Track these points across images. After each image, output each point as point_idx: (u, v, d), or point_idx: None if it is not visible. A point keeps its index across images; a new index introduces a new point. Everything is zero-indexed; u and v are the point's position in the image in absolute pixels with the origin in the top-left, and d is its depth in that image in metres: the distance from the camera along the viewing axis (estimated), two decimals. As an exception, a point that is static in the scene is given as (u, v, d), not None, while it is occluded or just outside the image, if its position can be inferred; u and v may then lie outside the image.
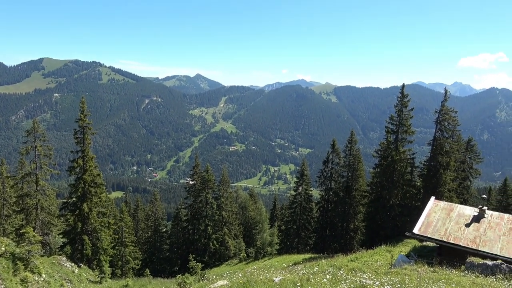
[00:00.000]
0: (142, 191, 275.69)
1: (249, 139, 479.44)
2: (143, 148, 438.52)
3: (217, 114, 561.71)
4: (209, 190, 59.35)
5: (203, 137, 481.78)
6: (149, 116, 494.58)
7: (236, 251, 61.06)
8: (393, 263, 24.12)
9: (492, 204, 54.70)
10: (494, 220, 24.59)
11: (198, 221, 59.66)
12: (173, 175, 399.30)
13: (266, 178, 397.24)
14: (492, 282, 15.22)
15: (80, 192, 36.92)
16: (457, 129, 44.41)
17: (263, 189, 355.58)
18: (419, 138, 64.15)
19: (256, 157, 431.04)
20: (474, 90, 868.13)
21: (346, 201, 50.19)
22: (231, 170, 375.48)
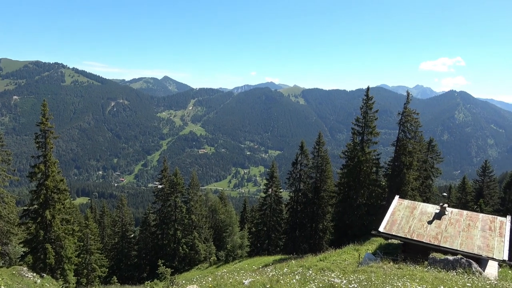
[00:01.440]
0: (108, 196, 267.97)
1: (219, 142, 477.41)
2: (109, 152, 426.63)
3: (186, 116, 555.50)
4: (178, 194, 58.55)
5: (171, 140, 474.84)
6: (115, 119, 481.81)
7: (206, 255, 60.52)
8: (360, 261, 24.70)
9: (452, 202, 57.31)
10: (454, 217, 25.74)
11: (167, 226, 58.67)
12: (141, 179, 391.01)
13: (236, 181, 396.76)
14: (453, 276, 15.87)
15: (42, 198, 35.36)
16: (419, 130, 46.15)
17: (233, 191, 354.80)
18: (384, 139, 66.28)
19: (226, 160, 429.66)
20: (435, 92, 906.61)
21: (315, 202, 50.94)
22: (201, 173, 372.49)
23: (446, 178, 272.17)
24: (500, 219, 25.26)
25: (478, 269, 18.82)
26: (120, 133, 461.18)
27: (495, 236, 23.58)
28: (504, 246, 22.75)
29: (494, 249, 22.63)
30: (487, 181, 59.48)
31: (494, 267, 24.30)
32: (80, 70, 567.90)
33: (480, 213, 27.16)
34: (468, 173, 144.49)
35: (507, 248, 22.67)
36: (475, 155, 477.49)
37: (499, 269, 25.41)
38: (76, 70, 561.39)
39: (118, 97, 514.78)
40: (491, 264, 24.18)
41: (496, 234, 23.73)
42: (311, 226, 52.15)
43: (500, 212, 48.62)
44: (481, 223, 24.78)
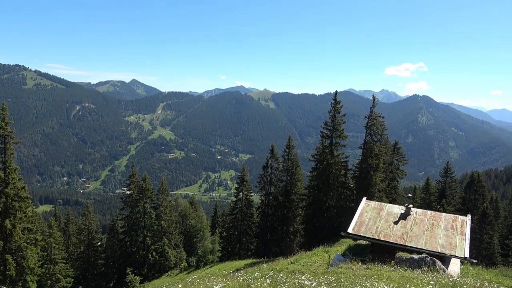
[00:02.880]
0: (74, 203, 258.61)
1: (189, 146, 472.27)
2: (74, 158, 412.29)
3: (155, 120, 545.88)
4: (147, 199, 57.32)
5: (140, 144, 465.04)
6: (80, 123, 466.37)
7: (176, 261, 59.51)
8: (330, 262, 25.06)
9: (417, 202, 59.29)
10: (419, 217, 26.65)
11: (135, 233, 57.24)
12: (108, 185, 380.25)
13: (206, 185, 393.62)
14: (418, 274, 16.39)
15: (2, 207, 33.59)
16: (384, 133, 47.49)
17: (204, 196, 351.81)
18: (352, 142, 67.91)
19: (196, 164, 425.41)
20: (399, 97, 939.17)
21: (285, 205, 51.27)
22: (171, 178, 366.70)
23: (410, 179, 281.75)
24: (462, 218, 26.38)
25: (441, 267, 19.54)
26: (86, 137, 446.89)
27: (457, 235, 24.59)
28: (465, 244, 23.76)
29: (456, 247, 23.58)
30: (449, 181, 61.98)
31: (456, 264, 25.31)
32: (43, 72, 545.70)
33: (443, 213, 28.28)
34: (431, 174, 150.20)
35: (468, 246, 23.69)
36: (437, 157, 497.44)
37: (461, 266, 26.49)
38: (38, 73, 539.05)
39: (84, 100, 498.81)
40: (453, 262, 25.18)
41: (458, 233, 24.75)
42: (282, 229, 52.41)
43: (461, 212, 50.77)
44: (444, 223, 25.78)
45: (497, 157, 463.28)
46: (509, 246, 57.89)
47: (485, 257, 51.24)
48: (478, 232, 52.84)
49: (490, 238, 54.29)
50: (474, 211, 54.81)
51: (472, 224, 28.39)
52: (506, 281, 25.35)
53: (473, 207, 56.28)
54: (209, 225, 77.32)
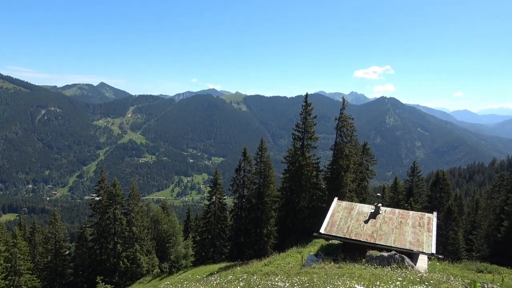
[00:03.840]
0: (40, 211, 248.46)
1: (160, 150, 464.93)
2: (40, 164, 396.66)
3: (125, 124, 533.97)
4: (118, 205, 55.92)
5: (109, 149, 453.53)
6: (46, 128, 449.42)
7: (149, 268, 58.33)
8: (303, 263, 25.31)
9: (386, 201, 60.88)
10: (388, 215, 27.40)
11: (106, 240, 55.68)
12: (76, 191, 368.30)
13: (179, 189, 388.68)
14: (388, 271, 16.82)
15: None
16: (354, 135, 48.57)
17: (176, 200, 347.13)
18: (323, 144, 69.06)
19: (168, 168, 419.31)
20: (368, 99, 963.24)
21: (258, 207, 51.39)
22: (142, 182, 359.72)
23: (379, 179, 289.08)
24: (428, 215, 27.33)
25: (410, 263, 20.14)
26: (52, 143, 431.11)
27: (424, 232, 25.45)
28: (432, 241, 24.62)
29: (424, 243, 24.40)
30: (416, 180, 64.08)
31: (424, 260, 26.19)
32: (5, 75, 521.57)
33: (411, 211, 29.21)
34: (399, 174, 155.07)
35: (435, 242, 24.57)
36: (404, 156, 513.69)
37: (429, 262, 27.42)
38: (0, 76, 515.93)
39: (50, 104, 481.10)
40: (421, 258, 26.03)
41: (425, 230, 25.62)
42: (255, 232, 52.47)
43: (428, 209, 52.55)
44: (412, 220, 26.63)
45: (460, 156, 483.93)
46: (472, 241, 60.49)
47: (451, 252, 53.28)
48: (444, 228, 54.88)
49: (455, 234, 56.51)
50: (439, 208, 56.88)
51: (438, 221, 29.47)
52: (470, 275, 26.45)
53: (439, 205, 58.40)
54: (182, 230, 76.27)
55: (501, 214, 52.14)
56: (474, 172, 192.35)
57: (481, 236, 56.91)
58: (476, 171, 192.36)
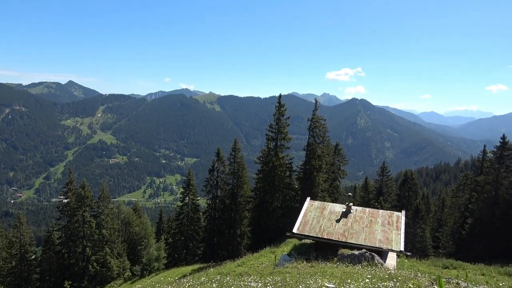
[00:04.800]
0: (3, 215, 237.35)
1: (132, 150, 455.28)
2: (4, 165, 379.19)
3: (95, 124, 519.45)
4: (87, 207, 54.30)
5: (78, 150, 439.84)
6: (10, 128, 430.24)
7: (120, 271, 57.00)
8: (276, 263, 25.46)
9: (357, 200, 62.21)
10: (359, 214, 27.99)
11: (74, 243, 53.95)
12: (43, 193, 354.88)
13: (151, 191, 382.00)
14: (359, 269, 17.17)
15: None
16: (326, 135, 49.39)
17: (148, 202, 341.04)
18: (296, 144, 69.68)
19: (139, 169, 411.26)
20: (339, 100, 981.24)
21: (232, 208, 51.29)
22: (112, 184, 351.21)
23: (351, 179, 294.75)
24: (397, 214, 28.13)
25: (380, 261, 20.65)
26: (16, 143, 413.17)
27: (393, 230, 26.17)
28: (400, 238, 25.35)
29: (393, 241, 25.10)
30: (386, 180, 65.83)
31: (393, 257, 26.93)
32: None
33: (380, 210, 29.96)
34: (369, 174, 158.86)
35: (403, 240, 25.32)
36: (375, 157, 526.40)
37: (398, 259, 28.23)
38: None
39: (14, 103, 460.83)
40: (391, 255, 26.76)
41: (394, 228, 26.35)
42: (229, 232, 52.33)
43: (397, 208, 54.10)
44: (381, 219, 27.32)
45: (428, 156, 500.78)
46: (439, 238, 62.73)
47: (418, 249, 55.01)
48: (412, 226, 56.59)
49: (423, 232, 58.36)
50: (408, 207, 58.62)
51: (406, 219, 30.37)
52: (437, 271, 27.44)
53: (407, 203, 60.19)
54: (154, 232, 75.03)
55: (466, 212, 54.40)
56: (440, 172, 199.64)
57: (447, 234, 59.12)
58: (442, 171, 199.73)
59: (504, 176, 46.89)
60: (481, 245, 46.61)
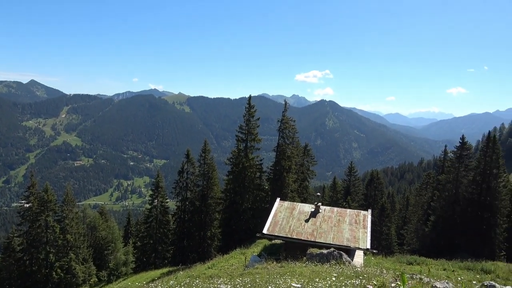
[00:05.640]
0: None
1: (98, 152, 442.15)
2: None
3: (58, 125, 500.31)
4: (50, 212, 52.21)
5: (41, 152, 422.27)
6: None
7: (85, 277, 55.17)
8: (246, 264, 25.52)
9: (325, 200, 63.32)
10: (327, 214, 28.53)
11: (36, 249, 51.71)
12: (3, 198, 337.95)
13: (118, 193, 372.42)
14: (327, 268, 17.50)
15: None
16: (296, 136, 50.00)
17: (116, 205, 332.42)
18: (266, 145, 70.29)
19: (106, 172, 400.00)
20: (308, 101, 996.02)
21: (202, 210, 50.90)
22: (78, 187, 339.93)
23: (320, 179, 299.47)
24: (363, 213, 28.89)
25: (347, 259, 21.13)
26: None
27: (360, 228, 26.86)
28: (367, 237, 26.05)
29: (360, 239, 25.75)
30: (353, 180, 67.42)
31: (360, 255, 27.62)
32: None
33: (348, 209, 30.69)
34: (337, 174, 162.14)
35: (370, 238, 26.03)
36: (343, 157, 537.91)
37: (364, 257, 28.98)
38: None
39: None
40: (358, 253, 27.43)
41: (361, 226, 27.05)
42: (199, 235, 51.89)
43: (363, 207, 55.53)
44: (349, 218, 27.97)
45: (393, 156, 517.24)
46: (404, 235, 64.92)
47: (384, 247, 56.76)
48: (378, 224, 58.30)
49: (388, 230, 60.30)
50: (374, 205, 60.34)
51: (372, 218, 31.26)
52: (401, 267, 28.42)
53: (373, 202, 61.93)
54: (121, 236, 73.26)
55: (428, 210, 56.62)
56: (404, 171, 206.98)
57: (411, 231, 61.29)
58: (407, 170, 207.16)
59: (464, 175, 49.18)
60: (443, 241, 48.63)
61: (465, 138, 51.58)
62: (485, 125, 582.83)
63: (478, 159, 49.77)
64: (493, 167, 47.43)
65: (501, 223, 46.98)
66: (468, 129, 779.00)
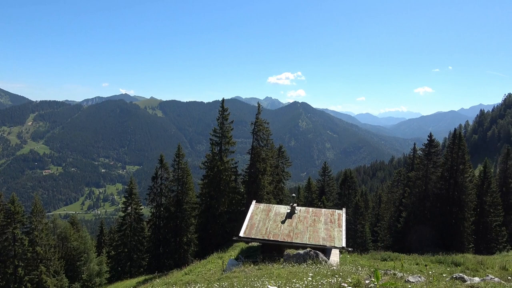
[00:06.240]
0: None
1: (68, 160, 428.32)
2: None
3: (24, 133, 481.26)
4: (18, 224, 50.06)
5: (6, 161, 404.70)
6: None
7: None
8: (224, 268, 25.39)
9: (301, 201, 63.89)
10: (303, 214, 28.81)
11: (4, 264, 49.46)
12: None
13: (90, 202, 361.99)
14: (304, 268, 17.67)
15: None
16: (270, 138, 50.27)
17: (88, 214, 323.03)
18: (240, 148, 70.19)
19: (77, 180, 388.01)
20: (282, 103, 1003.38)
21: (177, 215, 50.29)
22: (47, 197, 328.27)
23: (295, 180, 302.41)
24: (338, 212, 29.37)
25: (324, 258, 21.41)
26: None
27: (335, 227, 27.27)
28: (342, 235, 26.49)
29: (335, 238, 26.15)
30: (327, 180, 68.42)
31: (336, 254, 28.03)
32: None
33: (323, 209, 31.10)
34: (312, 174, 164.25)
35: (345, 236, 26.48)
36: (316, 157, 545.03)
37: (340, 255, 29.45)
38: None
39: None
40: (334, 252, 27.83)
41: (336, 225, 27.48)
42: (175, 241, 51.21)
43: (338, 206, 56.46)
44: (324, 217, 28.36)
45: (365, 155, 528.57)
46: (377, 232, 66.44)
47: (359, 244, 57.85)
48: (352, 223, 59.38)
49: (363, 227, 61.49)
50: (348, 204, 61.44)
51: (347, 216, 31.84)
52: (376, 264, 29.06)
53: (347, 201, 63.05)
54: (94, 245, 70.93)
55: (400, 206, 58.21)
56: (376, 170, 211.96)
57: (385, 227, 62.81)
58: (378, 169, 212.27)
59: (432, 171, 50.91)
60: (414, 236, 50.10)
61: (432, 135, 53.43)
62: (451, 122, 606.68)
63: (445, 155, 51.68)
64: (460, 163, 49.37)
65: (469, 216, 48.91)
66: (435, 127, 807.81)
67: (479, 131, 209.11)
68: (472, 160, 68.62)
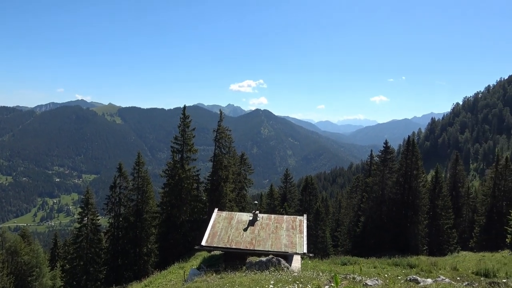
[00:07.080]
0: None
1: (18, 170, 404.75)
2: None
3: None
4: (-40, 239, 46.68)
5: None
6: None
7: (5, 308, 49.91)
8: (185, 278, 24.96)
9: (263, 208, 64.24)
10: (265, 221, 28.99)
11: None
12: None
13: (43, 213, 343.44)
14: (266, 275, 17.73)
15: None
16: (232, 146, 50.36)
17: (40, 226, 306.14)
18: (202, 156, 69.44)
19: (28, 190, 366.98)
20: (244, 111, 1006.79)
21: (137, 225, 48.86)
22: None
23: (257, 187, 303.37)
24: (299, 218, 29.83)
25: (286, 264, 21.62)
26: None
27: (296, 233, 27.67)
28: (303, 241, 26.91)
29: (297, 244, 26.52)
30: (289, 186, 69.33)
31: (298, 260, 28.36)
32: None
33: (285, 215, 31.50)
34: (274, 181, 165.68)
35: (306, 242, 26.92)
36: (278, 164, 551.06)
37: (302, 261, 29.81)
38: None
39: None
40: (295, 258, 28.14)
41: (297, 232, 27.88)
42: (134, 252, 49.65)
43: (300, 212, 57.21)
44: (286, 224, 28.70)
45: (325, 162, 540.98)
46: (338, 237, 68.02)
47: (320, 249, 58.91)
48: (313, 228, 60.42)
49: (323, 233, 62.71)
50: (309, 210, 62.46)
51: (308, 222, 32.41)
52: (336, 268, 29.71)
53: (309, 207, 64.11)
54: (47, 259, 67.39)
55: (359, 211, 60.07)
56: (336, 176, 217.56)
57: (344, 232, 64.44)
58: (338, 175, 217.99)
59: (388, 177, 53.05)
60: (373, 240, 51.82)
61: (388, 142, 55.75)
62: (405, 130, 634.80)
63: (400, 161, 54.08)
64: (413, 168, 51.83)
65: (422, 220, 51.35)
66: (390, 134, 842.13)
67: (431, 138, 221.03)
68: (425, 166, 72.18)
